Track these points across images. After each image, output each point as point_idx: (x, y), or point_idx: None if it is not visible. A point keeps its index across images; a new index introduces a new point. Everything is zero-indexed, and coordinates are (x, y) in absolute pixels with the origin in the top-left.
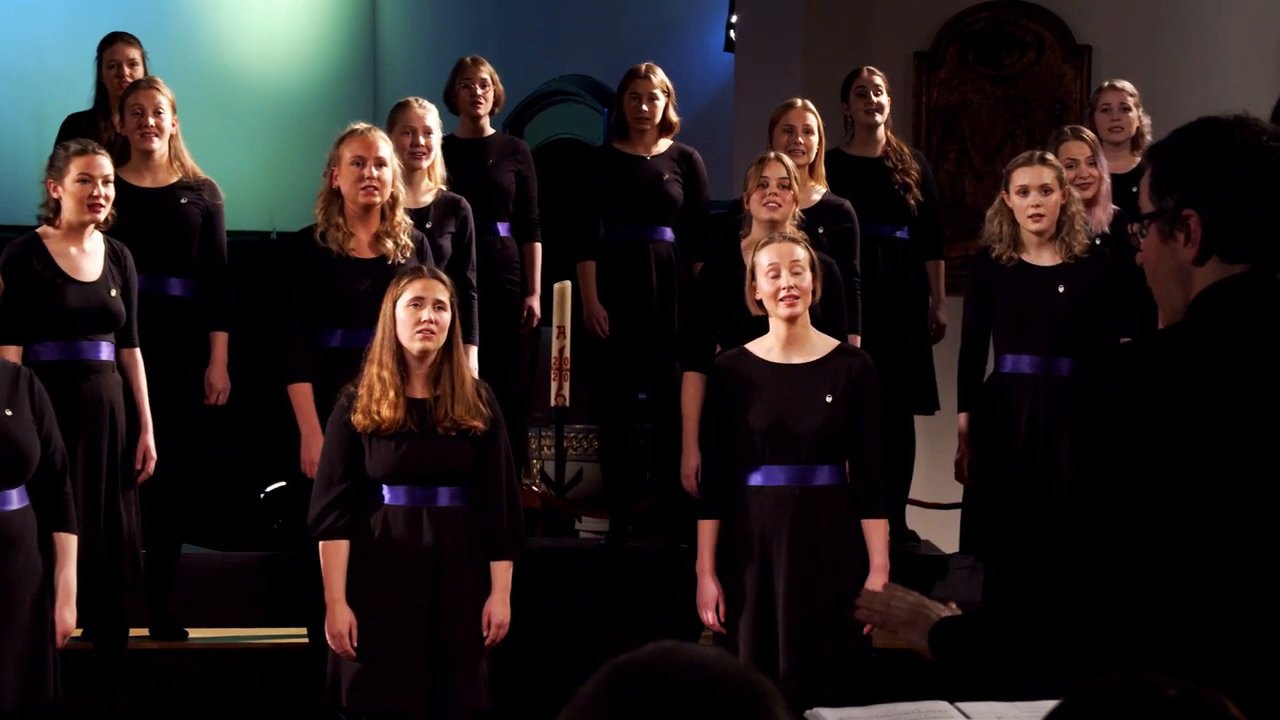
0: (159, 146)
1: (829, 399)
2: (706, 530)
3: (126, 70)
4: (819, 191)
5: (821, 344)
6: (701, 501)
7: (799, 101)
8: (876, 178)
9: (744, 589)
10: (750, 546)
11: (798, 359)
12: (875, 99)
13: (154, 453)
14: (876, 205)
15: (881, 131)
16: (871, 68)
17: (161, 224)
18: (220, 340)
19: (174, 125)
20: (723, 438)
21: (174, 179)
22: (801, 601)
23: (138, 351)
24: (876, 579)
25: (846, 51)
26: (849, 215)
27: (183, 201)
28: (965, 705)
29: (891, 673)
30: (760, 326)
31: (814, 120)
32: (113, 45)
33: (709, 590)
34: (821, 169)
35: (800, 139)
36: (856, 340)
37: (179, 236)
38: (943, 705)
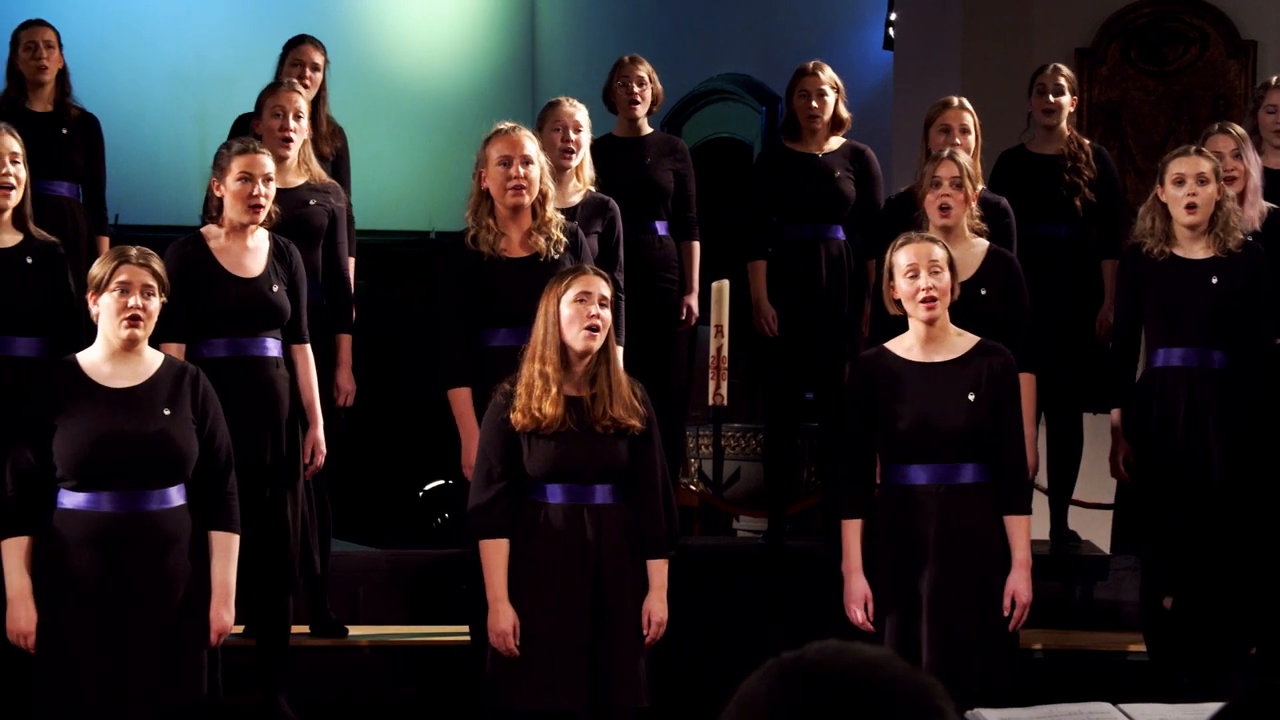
0: (293, 151)
1: (971, 397)
2: (851, 529)
3: (309, 73)
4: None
5: (962, 341)
6: (844, 500)
7: (955, 101)
8: (1049, 175)
9: (888, 588)
10: (894, 546)
11: (939, 357)
12: (1052, 99)
13: (323, 446)
14: (1041, 202)
15: (1063, 129)
16: (1058, 65)
17: (289, 226)
18: (345, 342)
19: (307, 130)
20: (865, 436)
21: (301, 181)
22: (947, 600)
23: (307, 347)
24: (1018, 575)
25: (1006, 48)
26: (1006, 212)
27: (310, 203)
28: (1128, 707)
29: (1053, 674)
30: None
31: (970, 119)
32: (299, 46)
33: (858, 588)
34: (978, 166)
35: (957, 139)
36: None
37: (305, 239)
38: (1105, 706)
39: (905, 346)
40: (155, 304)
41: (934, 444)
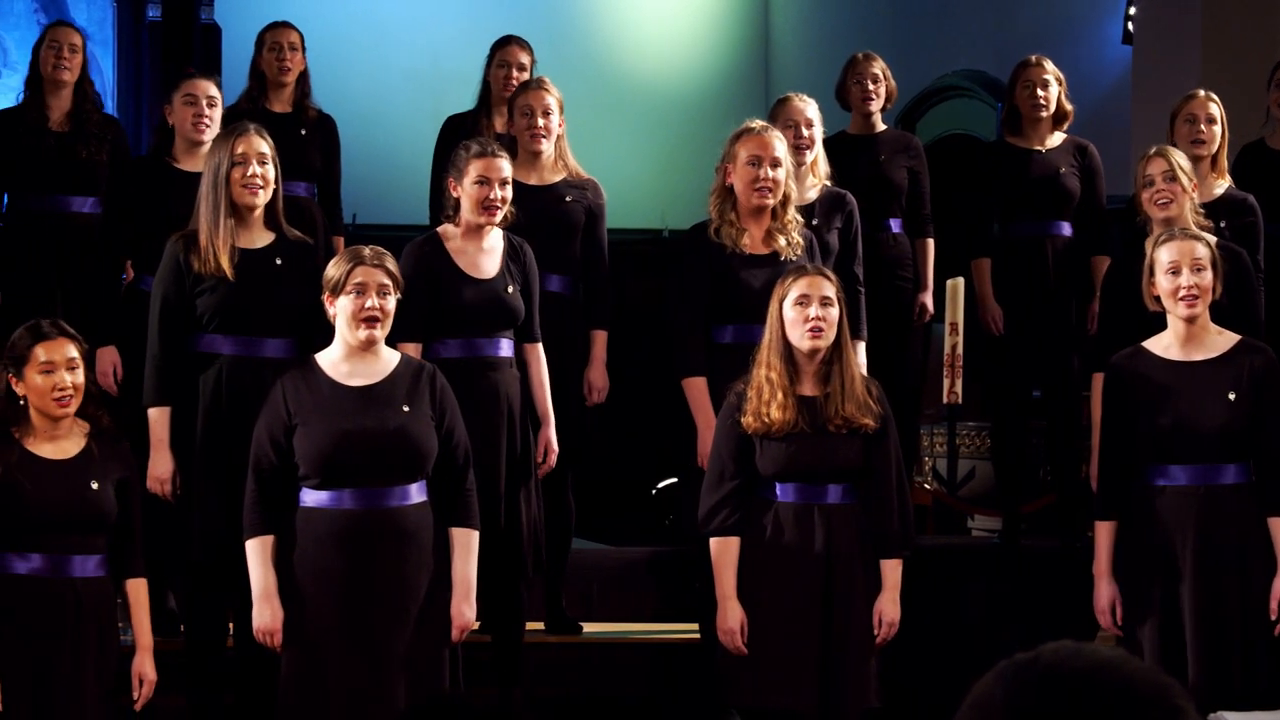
0: (547, 148)
1: (1232, 396)
2: (1104, 531)
3: (515, 73)
4: (1221, 185)
5: (1222, 340)
6: (1098, 501)
7: (1200, 92)
8: None
9: (1147, 593)
10: (1154, 549)
11: (1198, 356)
12: None
13: (555, 445)
14: None
15: None
16: None
17: (545, 221)
18: (600, 338)
19: (560, 125)
20: (1122, 437)
21: (558, 178)
22: (1210, 605)
23: (539, 347)
24: None
25: (1248, 42)
26: (1252, 209)
27: (567, 200)
28: None
29: None
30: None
31: (1216, 110)
32: (506, 47)
33: (1106, 592)
34: (1224, 161)
35: (1202, 128)
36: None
37: (562, 234)
38: None
39: (1163, 345)
40: (391, 303)
41: (1194, 444)
